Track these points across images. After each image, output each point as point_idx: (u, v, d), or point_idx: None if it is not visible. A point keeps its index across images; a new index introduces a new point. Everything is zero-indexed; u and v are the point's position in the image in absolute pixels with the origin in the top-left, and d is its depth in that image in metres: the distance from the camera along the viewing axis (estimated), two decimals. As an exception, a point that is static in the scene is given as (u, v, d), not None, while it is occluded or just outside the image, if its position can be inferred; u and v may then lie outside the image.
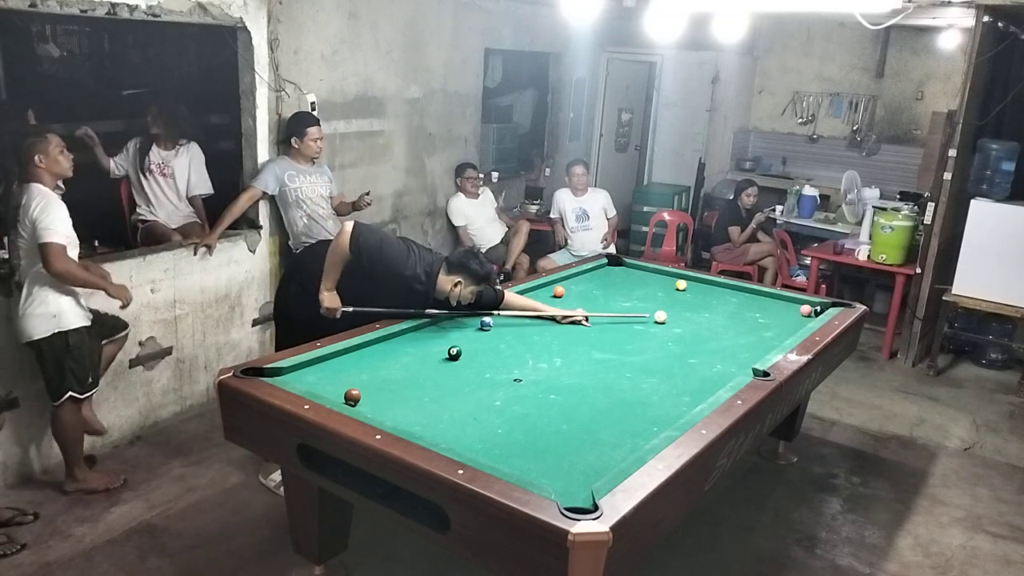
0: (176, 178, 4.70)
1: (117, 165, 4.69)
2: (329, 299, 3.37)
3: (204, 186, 4.79)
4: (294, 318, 3.62)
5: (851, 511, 3.80)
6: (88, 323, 3.54)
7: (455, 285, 3.34)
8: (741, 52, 7.90)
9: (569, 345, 3.35)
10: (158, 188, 4.68)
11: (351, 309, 3.36)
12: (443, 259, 3.43)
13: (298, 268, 3.81)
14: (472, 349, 3.18)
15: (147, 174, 4.65)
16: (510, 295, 3.70)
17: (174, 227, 4.69)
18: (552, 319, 3.63)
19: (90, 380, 3.57)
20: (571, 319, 3.61)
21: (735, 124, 8.30)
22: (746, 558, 3.40)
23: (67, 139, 3.56)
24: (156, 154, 4.66)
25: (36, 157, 3.35)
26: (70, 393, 3.48)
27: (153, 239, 4.53)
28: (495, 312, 3.57)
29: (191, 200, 4.79)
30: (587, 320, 3.63)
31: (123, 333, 3.83)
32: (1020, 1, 4.80)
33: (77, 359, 3.48)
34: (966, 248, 5.36)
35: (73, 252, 3.40)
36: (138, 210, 4.73)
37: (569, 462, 2.35)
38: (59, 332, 3.41)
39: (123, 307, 3.66)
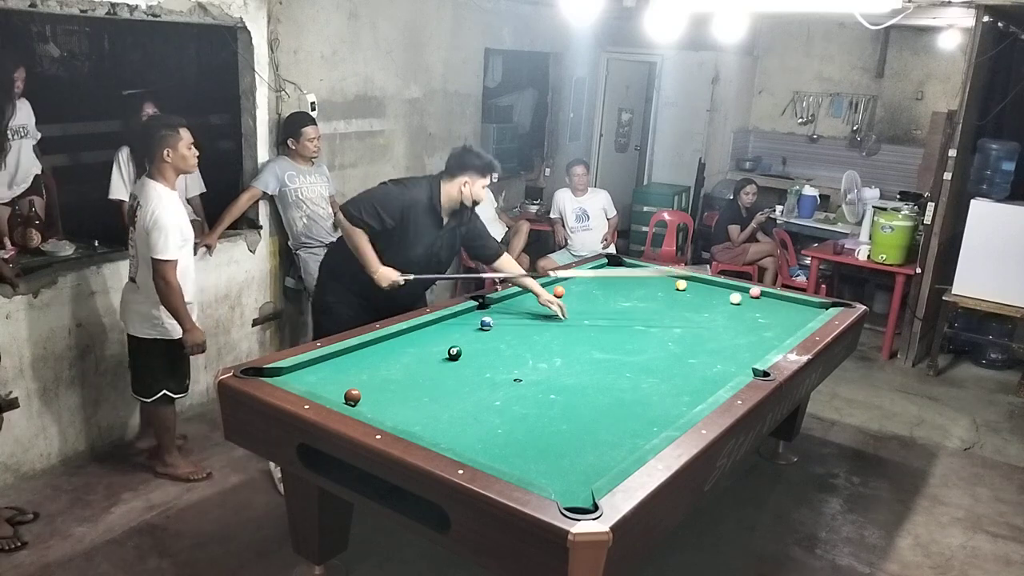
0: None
1: (122, 186, 4.28)
2: (385, 274, 3.38)
3: (198, 186, 4.77)
4: (336, 314, 3.64)
5: (851, 511, 3.80)
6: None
7: (463, 186, 3.34)
8: (741, 52, 7.90)
9: (569, 345, 3.35)
10: None
11: (412, 277, 3.36)
12: (439, 173, 3.43)
13: (334, 265, 3.80)
14: (472, 349, 3.18)
15: None
16: (506, 258, 3.75)
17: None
18: (536, 296, 3.64)
19: (186, 382, 3.67)
20: (549, 303, 3.61)
21: (735, 124, 8.30)
22: (746, 558, 3.40)
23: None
24: None
25: (164, 151, 3.34)
26: (164, 392, 3.59)
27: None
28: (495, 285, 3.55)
29: (189, 200, 4.77)
30: (564, 313, 3.62)
31: None
32: (1020, 1, 4.80)
33: (175, 364, 3.57)
34: (966, 248, 5.36)
35: (188, 247, 3.45)
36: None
37: (569, 462, 2.35)
38: (162, 339, 3.48)
39: (190, 353, 3.52)
